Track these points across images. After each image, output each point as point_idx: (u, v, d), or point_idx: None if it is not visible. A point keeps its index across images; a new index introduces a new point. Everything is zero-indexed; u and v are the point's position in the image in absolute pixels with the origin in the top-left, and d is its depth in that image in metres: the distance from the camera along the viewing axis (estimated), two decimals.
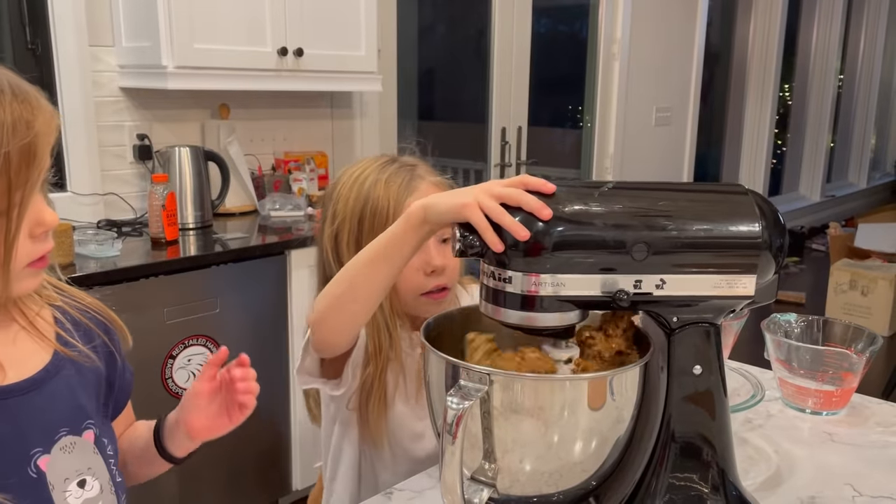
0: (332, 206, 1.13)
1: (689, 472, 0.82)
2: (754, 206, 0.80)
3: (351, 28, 2.55)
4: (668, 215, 0.77)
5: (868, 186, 6.97)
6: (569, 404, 0.75)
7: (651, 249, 0.76)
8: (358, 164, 1.15)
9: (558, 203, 0.76)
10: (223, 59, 2.27)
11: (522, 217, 0.74)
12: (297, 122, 2.84)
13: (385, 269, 0.88)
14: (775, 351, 1.23)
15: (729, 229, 0.78)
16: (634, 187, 0.81)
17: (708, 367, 0.81)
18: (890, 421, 1.20)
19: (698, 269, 0.78)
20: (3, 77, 0.71)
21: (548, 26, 3.97)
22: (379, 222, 1.07)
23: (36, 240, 0.74)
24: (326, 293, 0.93)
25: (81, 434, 0.82)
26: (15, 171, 0.69)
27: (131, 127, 2.42)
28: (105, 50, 2.34)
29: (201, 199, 2.37)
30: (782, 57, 5.40)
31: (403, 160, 1.16)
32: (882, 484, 1.00)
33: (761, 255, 0.79)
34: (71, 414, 0.81)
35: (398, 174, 1.11)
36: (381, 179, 1.11)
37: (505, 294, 0.77)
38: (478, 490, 0.77)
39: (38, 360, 0.80)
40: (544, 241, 0.74)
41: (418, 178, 1.12)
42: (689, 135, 4.63)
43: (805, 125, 6.18)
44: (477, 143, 3.65)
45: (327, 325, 0.95)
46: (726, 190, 0.82)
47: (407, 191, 1.10)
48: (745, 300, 0.80)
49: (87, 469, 0.81)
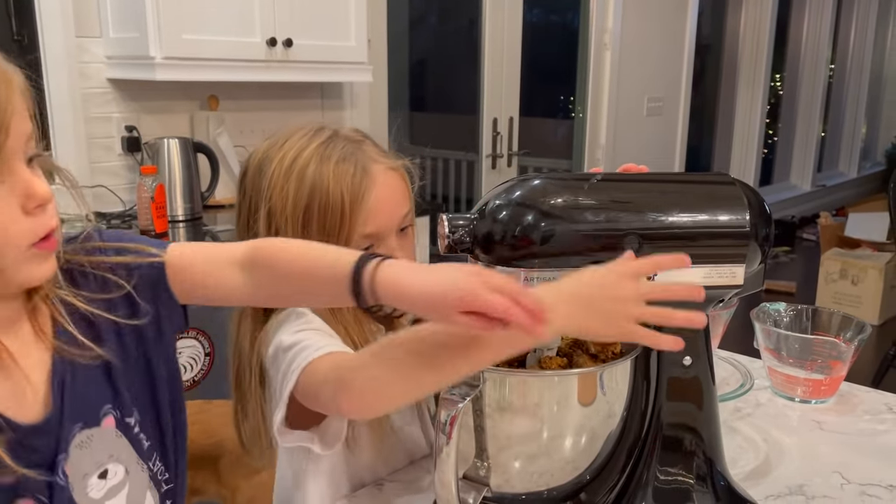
0: (265, 196, 0.92)
1: (677, 462, 0.82)
2: (742, 196, 0.80)
3: (341, 18, 2.54)
4: (658, 207, 0.77)
5: (858, 176, 6.99)
6: (560, 400, 0.75)
7: (643, 241, 0.76)
8: (286, 143, 0.95)
9: (546, 196, 0.75)
10: (212, 49, 2.25)
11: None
12: (286, 114, 2.82)
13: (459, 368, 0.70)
14: (764, 340, 1.23)
15: (718, 219, 0.78)
16: (622, 179, 0.81)
17: (696, 357, 0.81)
18: (878, 409, 1.20)
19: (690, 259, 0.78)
20: None
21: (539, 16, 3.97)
22: (332, 221, 0.91)
23: (31, 215, 0.66)
24: (379, 376, 0.71)
25: (100, 423, 0.76)
26: None
27: (119, 118, 2.40)
28: (92, 41, 2.32)
29: (191, 191, 2.36)
30: (773, 47, 5.40)
31: (342, 133, 0.96)
32: (870, 471, 1.00)
33: (749, 244, 0.79)
34: (82, 408, 0.75)
35: (346, 160, 0.92)
36: (326, 167, 0.91)
37: None
38: (471, 489, 0.77)
39: (41, 372, 0.72)
40: (533, 236, 0.74)
41: (371, 163, 0.94)
42: (680, 124, 4.63)
43: (796, 115, 6.19)
44: (468, 133, 3.64)
45: (374, 407, 0.74)
46: (714, 180, 0.82)
47: (362, 184, 0.92)
48: (735, 290, 0.80)
49: (108, 458, 0.76)
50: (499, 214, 0.75)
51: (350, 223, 0.91)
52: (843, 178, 6.84)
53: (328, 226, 0.91)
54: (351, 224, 0.91)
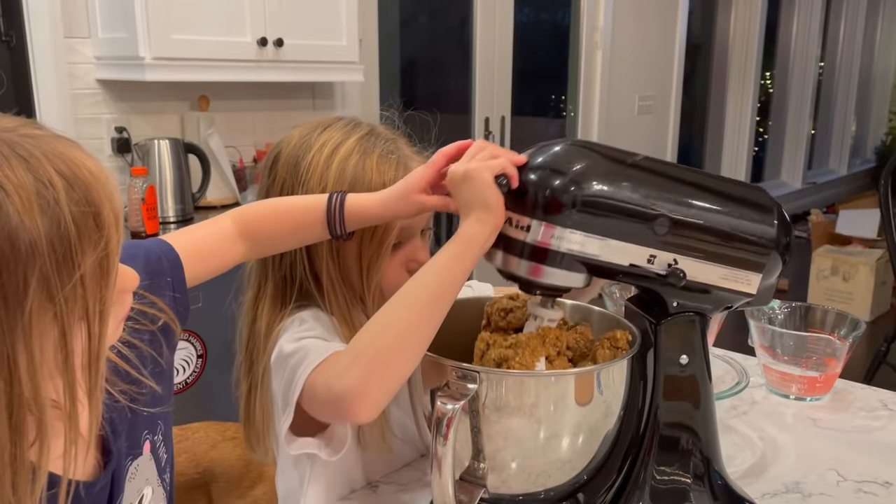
0: (302, 180, 0.94)
1: (674, 462, 0.82)
2: (774, 207, 0.81)
3: (331, 18, 2.53)
4: (692, 197, 0.78)
5: (849, 173, 7.03)
6: (557, 400, 0.74)
7: (672, 226, 0.76)
8: (325, 132, 0.96)
9: (593, 161, 0.76)
10: (202, 49, 2.23)
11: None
12: (278, 114, 2.81)
13: (445, 306, 0.74)
14: (759, 338, 1.23)
15: (747, 224, 0.79)
16: (663, 164, 0.81)
17: (693, 355, 0.81)
18: (873, 405, 1.20)
19: (711, 256, 0.78)
20: (44, 159, 0.53)
21: (530, 15, 3.96)
22: None
23: (118, 304, 0.63)
24: (361, 355, 0.74)
25: (142, 451, 0.76)
26: (92, 291, 0.55)
27: (109, 119, 2.39)
28: (81, 41, 2.30)
29: (182, 192, 2.35)
30: (763, 45, 5.42)
31: (378, 131, 0.99)
32: (866, 468, 1.00)
33: (771, 254, 0.80)
34: (133, 447, 0.74)
35: (387, 155, 0.96)
36: (369, 160, 0.94)
37: (519, 243, 0.76)
38: (468, 490, 0.77)
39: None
40: (569, 198, 0.73)
41: (410, 161, 0.98)
42: (671, 123, 4.64)
43: (786, 113, 6.22)
44: (460, 133, 3.63)
45: (373, 395, 0.73)
46: (747, 187, 0.83)
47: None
48: (746, 298, 0.81)
49: (145, 482, 0.76)
50: (541, 168, 0.76)
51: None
52: (833, 176, 6.86)
53: None
54: None
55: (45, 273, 0.52)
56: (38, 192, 0.52)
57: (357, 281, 0.96)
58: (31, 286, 0.52)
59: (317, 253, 0.95)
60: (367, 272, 0.95)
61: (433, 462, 0.71)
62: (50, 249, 0.52)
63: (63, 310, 0.54)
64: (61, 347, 0.55)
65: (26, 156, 0.53)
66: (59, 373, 0.56)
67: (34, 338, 0.53)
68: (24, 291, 0.51)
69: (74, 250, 0.53)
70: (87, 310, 0.56)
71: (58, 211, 0.52)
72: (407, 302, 0.74)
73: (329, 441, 0.87)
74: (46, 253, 0.52)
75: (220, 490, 1.25)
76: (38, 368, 0.54)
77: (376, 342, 0.74)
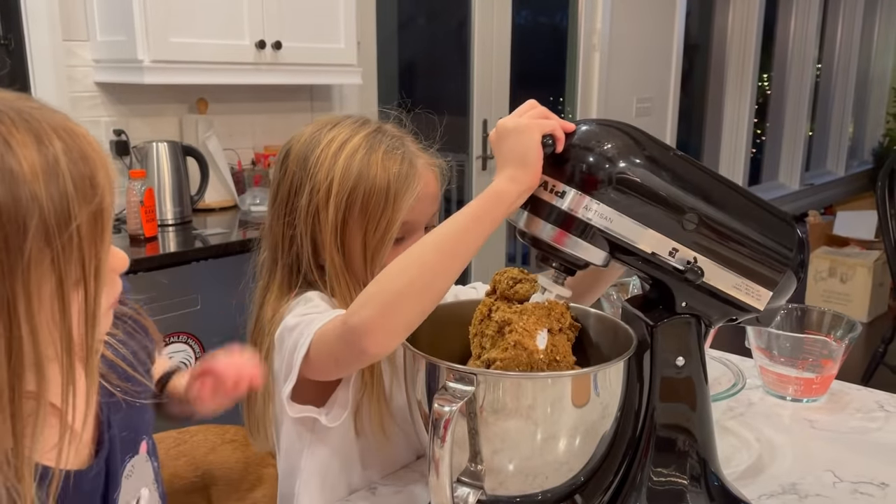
0: (310, 173, 0.97)
1: (671, 463, 0.82)
2: (795, 231, 0.83)
3: (330, 20, 2.53)
4: (725, 202, 0.80)
5: (846, 174, 7.03)
6: (554, 402, 0.75)
7: (700, 224, 0.77)
8: (334, 128, 1.00)
9: (639, 145, 0.77)
10: (200, 52, 2.24)
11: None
12: (276, 116, 2.81)
13: (464, 258, 0.77)
14: (756, 339, 1.24)
15: (769, 241, 0.81)
16: (701, 165, 0.82)
17: (690, 357, 0.81)
18: (869, 407, 1.21)
19: (729, 263, 0.80)
20: (46, 124, 0.58)
21: (528, 18, 3.97)
22: (374, 208, 0.96)
23: (109, 284, 0.65)
24: (382, 290, 0.77)
25: (138, 450, 0.78)
26: (88, 243, 0.59)
27: (108, 122, 2.39)
28: (79, 44, 2.30)
29: (180, 195, 2.35)
30: (761, 47, 5.42)
31: (385, 129, 1.02)
32: (862, 469, 1.01)
33: (786, 273, 0.82)
34: (129, 443, 0.76)
35: (393, 151, 0.98)
36: (375, 156, 0.97)
37: (549, 206, 0.76)
38: (466, 492, 0.77)
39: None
40: (609, 173, 0.75)
41: (415, 158, 1.00)
42: (669, 125, 4.65)
43: (784, 114, 6.22)
44: (458, 135, 3.63)
45: (389, 326, 0.76)
46: (771, 205, 0.85)
47: (408, 176, 0.98)
48: (752, 313, 0.82)
49: (142, 483, 0.78)
50: (588, 139, 0.77)
51: (392, 210, 0.96)
52: (831, 177, 6.87)
53: (370, 210, 0.96)
54: (393, 211, 0.96)
55: (43, 219, 0.56)
56: (40, 150, 0.57)
57: (360, 270, 0.99)
58: (31, 231, 0.56)
59: (321, 243, 0.98)
60: (370, 262, 0.98)
61: (431, 464, 0.72)
62: (48, 199, 0.56)
63: (60, 257, 0.57)
64: (59, 297, 0.58)
65: (29, 119, 0.58)
66: (57, 327, 0.59)
67: (32, 282, 0.57)
68: (23, 235, 0.55)
69: (71, 203, 0.57)
70: (84, 263, 0.59)
71: (57, 168, 0.57)
72: (425, 250, 0.77)
73: (330, 409, 0.91)
74: (45, 202, 0.56)
75: (220, 493, 1.25)
76: (35, 313, 0.57)
77: (396, 280, 0.77)
